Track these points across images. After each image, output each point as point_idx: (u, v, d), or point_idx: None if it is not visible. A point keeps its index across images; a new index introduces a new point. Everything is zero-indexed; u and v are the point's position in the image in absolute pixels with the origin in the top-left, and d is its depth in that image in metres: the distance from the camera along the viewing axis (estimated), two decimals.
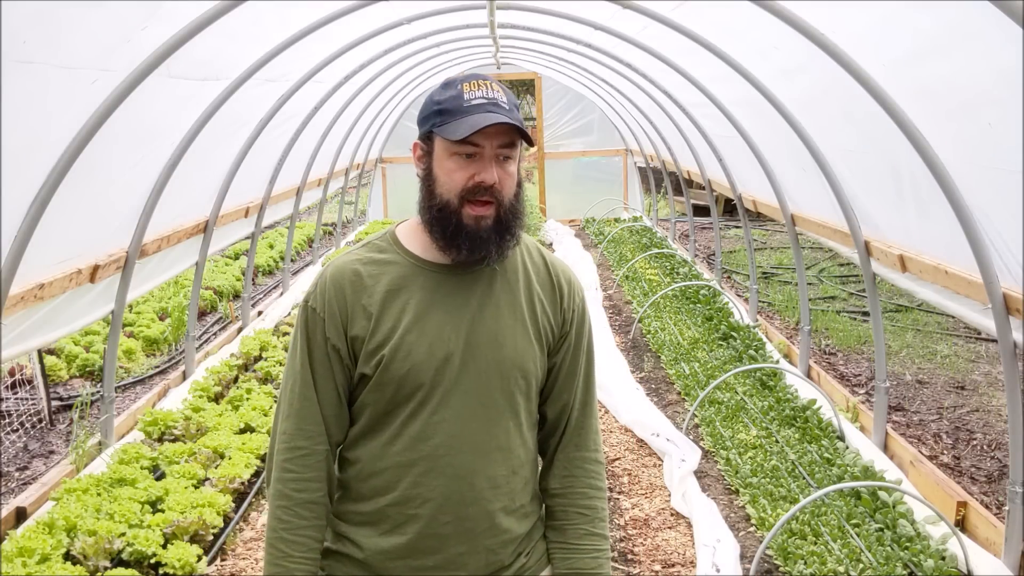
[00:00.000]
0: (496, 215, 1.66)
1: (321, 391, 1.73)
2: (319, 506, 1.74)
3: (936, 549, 3.61)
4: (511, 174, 1.67)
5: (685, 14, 5.20)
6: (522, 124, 1.65)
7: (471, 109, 1.63)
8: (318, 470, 1.73)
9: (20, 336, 3.80)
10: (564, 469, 1.82)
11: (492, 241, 1.67)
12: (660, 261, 9.89)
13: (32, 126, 3.27)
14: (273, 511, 1.74)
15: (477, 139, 1.62)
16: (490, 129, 1.61)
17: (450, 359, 1.69)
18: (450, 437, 1.70)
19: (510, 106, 1.66)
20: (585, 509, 1.81)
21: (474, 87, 1.66)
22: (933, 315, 7.84)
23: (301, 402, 1.73)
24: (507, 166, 1.66)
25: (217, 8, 3.77)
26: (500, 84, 1.69)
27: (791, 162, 5.63)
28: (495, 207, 1.66)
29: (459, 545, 1.72)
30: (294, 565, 1.70)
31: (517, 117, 1.66)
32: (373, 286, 1.72)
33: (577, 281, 1.86)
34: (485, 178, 1.64)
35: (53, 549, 3.43)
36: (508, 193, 1.67)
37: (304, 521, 1.72)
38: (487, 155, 1.64)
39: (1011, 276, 3.36)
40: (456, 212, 1.66)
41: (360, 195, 13.86)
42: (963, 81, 3.22)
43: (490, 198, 1.65)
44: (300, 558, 1.71)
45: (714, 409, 5.30)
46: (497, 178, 1.64)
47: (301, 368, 1.74)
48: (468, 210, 1.65)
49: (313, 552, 1.73)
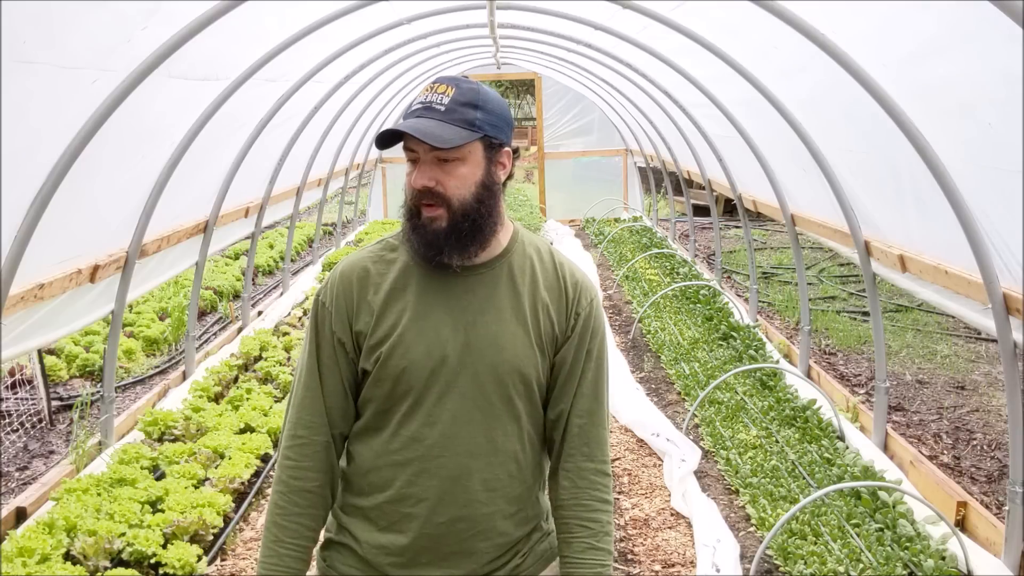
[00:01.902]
0: (449, 217, 1.66)
1: (326, 383, 1.76)
2: (314, 495, 1.76)
3: (936, 549, 3.61)
4: (457, 176, 1.66)
5: (685, 14, 5.20)
6: (460, 124, 1.62)
7: (407, 115, 1.67)
8: (315, 460, 1.76)
9: (20, 336, 3.80)
10: (570, 480, 1.79)
11: (447, 242, 1.67)
12: (660, 261, 9.89)
13: (32, 126, 3.27)
14: (272, 496, 1.79)
15: (411, 144, 1.65)
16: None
17: (446, 360, 1.69)
18: (444, 438, 1.70)
19: (451, 106, 1.64)
20: (589, 522, 1.79)
21: (427, 91, 1.69)
22: (933, 315, 7.84)
23: (304, 392, 1.77)
24: (450, 168, 1.65)
25: (217, 8, 3.77)
26: (460, 83, 1.67)
27: (791, 162, 5.63)
28: (445, 209, 1.66)
29: (453, 546, 1.73)
30: (284, 551, 1.74)
31: (461, 116, 1.63)
32: (379, 283, 1.74)
33: (588, 283, 1.83)
34: (414, 183, 1.67)
35: (53, 549, 3.43)
36: (457, 194, 1.66)
37: (298, 508, 1.75)
38: (423, 159, 1.66)
39: (1011, 276, 3.36)
40: (416, 215, 1.69)
41: (360, 195, 13.86)
42: (963, 81, 3.22)
43: (434, 200, 1.66)
44: (291, 544, 1.74)
45: (714, 409, 5.30)
46: (433, 181, 1.65)
47: (308, 360, 1.78)
48: (424, 211, 1.68)
49: (304, 540, 1.76)
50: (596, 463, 1.81)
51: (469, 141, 1.64)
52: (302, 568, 1.76)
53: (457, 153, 1.65)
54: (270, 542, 1.75)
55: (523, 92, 23.27)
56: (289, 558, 1.74)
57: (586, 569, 1.77)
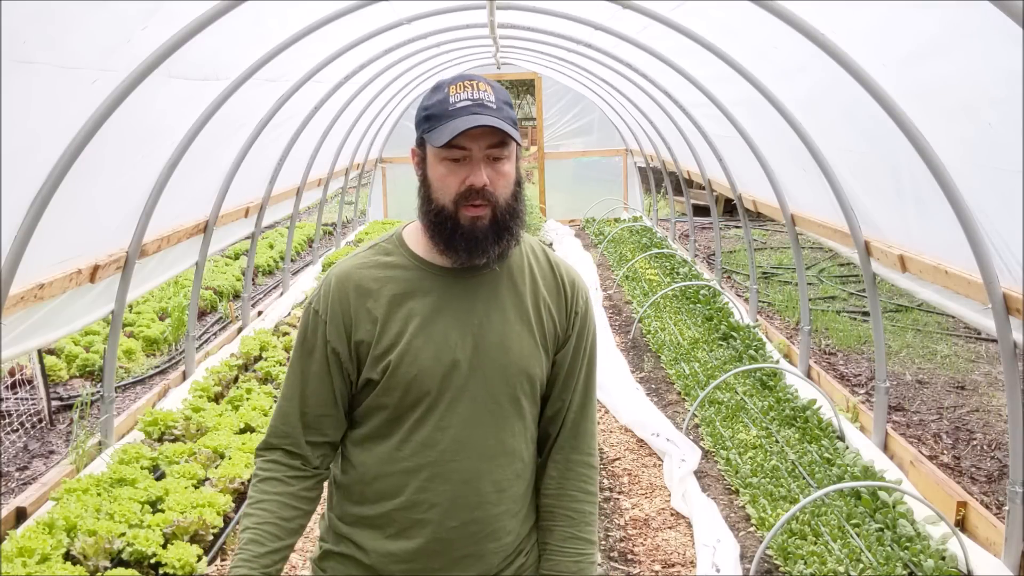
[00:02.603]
0: (492, 216, 1.65)
1: (312, 393, 1.74)
2: (281, 483, 1.74)
3: (936, 549, 3.61)
4: (504, 174, 1.65)
5: (685, 14, 5.20)
6: (509, 123, 1.62)
7: (455, 112, 1.61)
8: (285, 464, 1.75)
9: (20, 336, 3.80)
10: (557, 471, 1.82)
11: (490, 242, 1.65)
12: (660, 261, 9.89)
13: (32, 126, 3.27)
14: (249, 491, 1.79)
15: (464, 142, 1.60)
16: (476, 131, 1.59)
17: (457, 365, 1.68)
18: (457, 443, 1.69)
19: (498, 104, 1.63)
20: (573, 512, 1.80)
21: (460, 89, 1.64)
22: (933, 315, 7.84)
23: (284, 402, 1.77)
24: (499, 166, 1.64)
25: (217, 8, 3.77)
26: (490, 82, 1.66)
27: (791, 162, 5.63)
28: (490, 208, 1.64)
29: (464, 549, 1.72)
30: (248, 536, 1.71)
31: (508, 115, 1.63)
32: (379, 290, 1.71)
33: (582, 282, 1.84)
34: (474, 181, 1.62)
35: (53, 549, 3.43)
36: (503, 193, 1.65)
37: (264, 496, 1.73)
38: (476, 158, 1.62)
39: (1011, 276, 3.36)
40: (452, 216, 1.64)
41: (360, 195, 13.86)
42: (963, 81, 3.22)
43: (483, 200, 1.63)
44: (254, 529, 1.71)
45: (714, 409, 5.30)
46: (488, 180, 1.62)
47: (293, 368, 1.76)
48: (464, 212, 1.64)
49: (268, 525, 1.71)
50: (583, 455, 1.83)
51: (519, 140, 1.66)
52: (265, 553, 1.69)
53: (507, 151, 1.64)
54: (240, 532, 1.73)
55: (523, 92, 23.28)
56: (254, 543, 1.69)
57: (567, 558, 1.78)
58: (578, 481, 1.82)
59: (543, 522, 1.83)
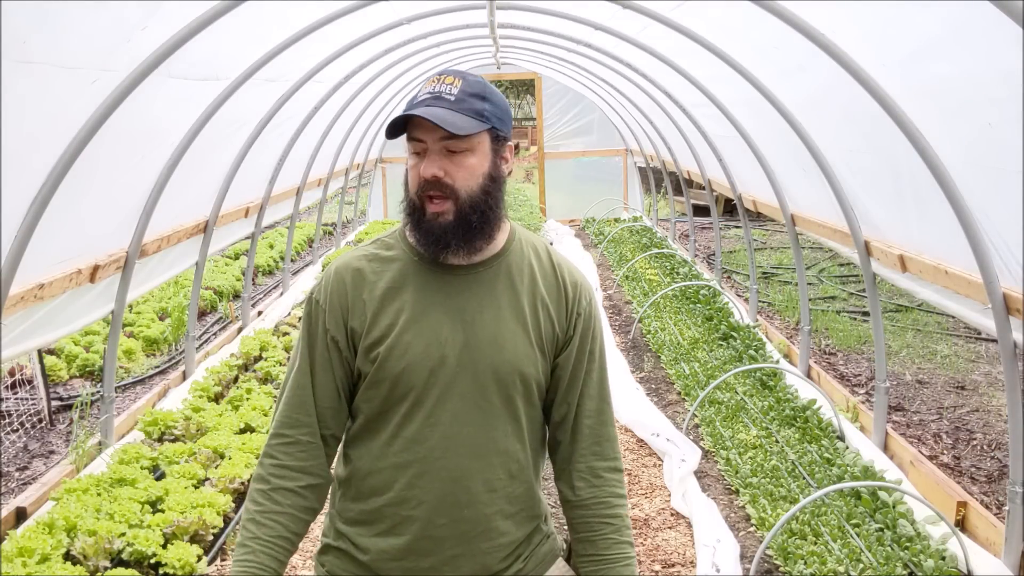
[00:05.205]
0: (455, 209, 1.64)
1: (317, 383, 1.73)
2: (297, 496, 1.71)
3: (936, 549, 3.61)
4: (465, 166, 1.64)
5: (685, 14, 5.20)
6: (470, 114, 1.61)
7: (415, 106, 1.62)
8: (300, 460, 1.72)
9: (20, 336, 3.80)
10: (584, 480, 1.79)
11: (452, 235, 1.65)
12: (660, 261, 9.89)
13: (32, 126, 3.27)
14: (251, 493, 1.74)
15: (418, 134, 1.62)
16: (427, 123, 1.60)
17: (445, 360, 1.68)
18: (445, 439, 1.69)
19: (461, 96, 1.62)
20: (611, 518, 1.79)
21: (430, 83, 1.66)
22: (933, 315, 7.83)
23: (294, 391, 1.74)
24: (458, 159, 1.63)
25: (217, 8, 3.77)
26: (465, 76, 1.66)
27: (791, 162, 5.63)
28: (451, 201, 1.63)
29: (455, 547, 1.71)
30: (260, 548, 1.68)
31: (471, 107, 1.62)
32: (375, 281, 1.72)
33: (585, 283, 1.83)
34: (423, 172, 1.62)
35: (53, 549, 3.43)
36: (465, 185, 1.64)
37: (277, 507, 1.70)
38: (431, 149, 1.62)
39: (1011, 276, 3.36)
40: (419, 208, 1.66)
41: (360, 195, 13.86)
42: (963, 81, 3.22)
43: (440, 192, 1.63)
44: (268, 542, 1.68)
45: (714, 409, 5.30)
46: (442, 171, 1.62)
47: (300, 358, 1.75)
48: (427, 205, 1.65)
49: (283, 540, 1.70)
50: (609, 461, 1.81)
51: (480, 131, 1.63)
52: (278, 568, 1.70)
53: (467, 143, 1.63)
54: (247, 539, 1.69)
55: (523, 92, 23.28)
56: (266, 555, 1.68)
57: (617, 563, 1.77)
58: (609, 487, 1.80)
59: (581, 534, 1.80)
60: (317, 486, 1.75)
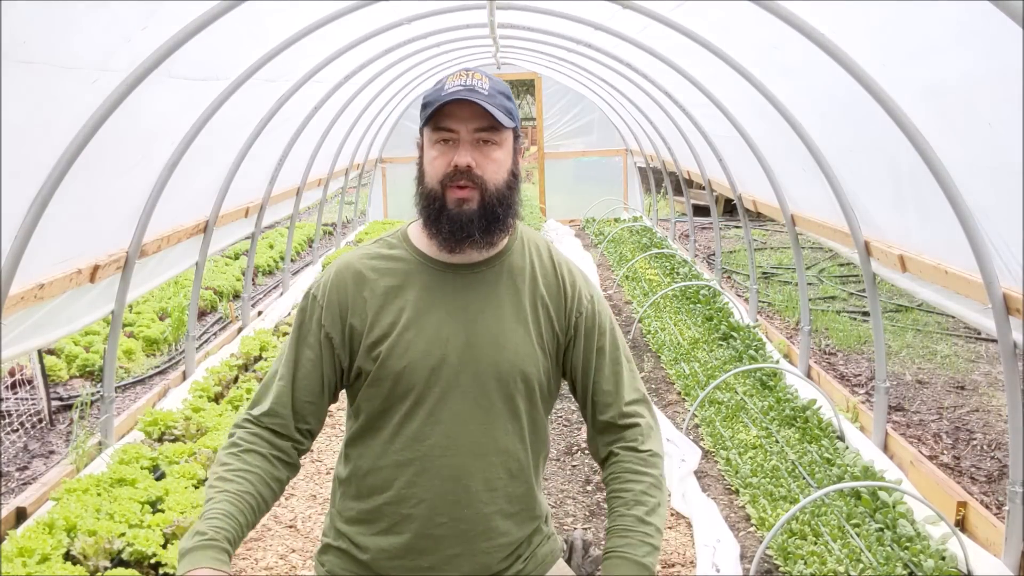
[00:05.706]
0: (481, 200, 1.65)
1: (301, 377, 1.73)
2: (267, 461, 1.69)
3: (936, 549, 3.61)
4: (494, 159, 1.65)
5: (685, 14, 5.20)
6: (501, 110, 1.63)
7: (446, 97, 1.63)
8: (268, 442, 1.71)
9: (20, 336, 3.80)
10: (614, 464, 1.79)
11: (476, 225, 1.65)
12: (660, 261, 9.89)
13: (32, 126, 3.27)
14: (218, 457, 1.71)
15: (451, 124, 1.62)
16: (464, 113, 1.61)
17: (446, 359, 1.68)
18: (446, 438, 1.69)
19: (491, 92, 1.64)
20: (621, 492, 1.75)
21: (456, 78, 1.66)
22: (933, 315, 7.83)
23: (277, 382, 1.75)
24: (488, 151, 1.65)
25: (217, 8, 3.77)
26: (489, 75, 1.68)
27: (791, 162, 5.63)
28: (478, 192, 1.64)
29: (454, 547, 1.71)
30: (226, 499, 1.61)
31: (502, 104, 1.64)
32: (376, 280, 1.72)
33: (587, 281, 1.83)
34: (458, 160, 1.63)
35: (53, 549, 3.43)
36: (493, 178, 1.65)
37: (246, 466, 1.66)
38: (463, 139, 1.63)
39: (1011, 276, 3.36)
40: (440, 197, 1.66)
41: (360, 195, 13.86)
42: (963, 81, 3.22)
43: (469, 182, 1.64)
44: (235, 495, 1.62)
45: (714, 409, 5.30)
46: (474, 161, 1.63)
47: (288, 351, 1.76)
48: (450, 194, 1.65)
49: (250, 496, 1.63)
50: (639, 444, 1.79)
51: (512, 127, 1.66)
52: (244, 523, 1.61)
53: (499, 136, 1.65)
54: (215, 493, 1.62)
55: (523, 92, 23.29)
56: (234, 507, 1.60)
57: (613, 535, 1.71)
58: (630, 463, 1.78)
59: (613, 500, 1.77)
60: (287, 463, 1.73)
